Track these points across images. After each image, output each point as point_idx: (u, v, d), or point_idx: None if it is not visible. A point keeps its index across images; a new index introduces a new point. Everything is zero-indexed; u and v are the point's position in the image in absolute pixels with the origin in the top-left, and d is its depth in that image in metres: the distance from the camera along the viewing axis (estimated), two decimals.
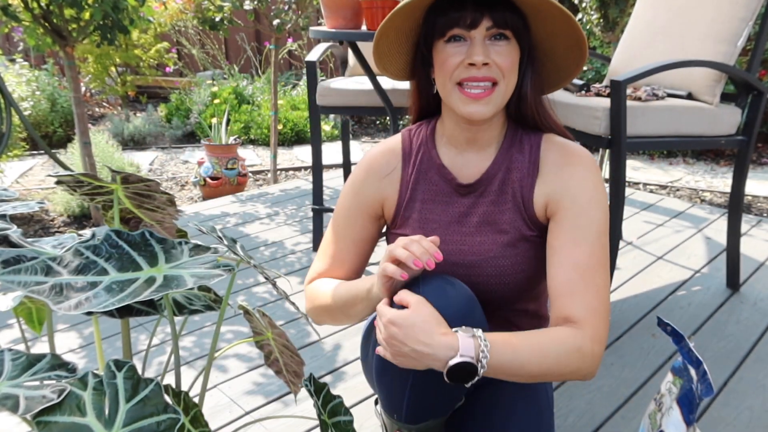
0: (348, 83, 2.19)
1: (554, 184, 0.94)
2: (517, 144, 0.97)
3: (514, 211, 0.97)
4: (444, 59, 0.89)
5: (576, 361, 0.84)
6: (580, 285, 0.88)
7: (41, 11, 2.38)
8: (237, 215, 2.82)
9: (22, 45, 3.17)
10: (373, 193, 1.03)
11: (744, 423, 1.39)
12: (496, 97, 0.89)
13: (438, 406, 0.90)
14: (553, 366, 0.83)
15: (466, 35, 0.88)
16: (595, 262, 0.90)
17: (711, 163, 3.91)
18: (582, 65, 0.96)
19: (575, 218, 0.91)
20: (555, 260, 0.92)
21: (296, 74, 5.82)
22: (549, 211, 0.95)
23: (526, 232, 0.97)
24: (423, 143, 1.02)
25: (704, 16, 1.85)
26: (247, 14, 3.13)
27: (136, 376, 0.57)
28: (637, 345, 1.71)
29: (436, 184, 1.00)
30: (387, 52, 0.97)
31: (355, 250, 1.05)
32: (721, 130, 1.81)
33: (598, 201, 0.92)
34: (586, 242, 0.90)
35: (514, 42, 0.90)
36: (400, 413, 0.91)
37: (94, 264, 0.63)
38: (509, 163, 0.97)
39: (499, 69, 0.88)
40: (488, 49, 0.87)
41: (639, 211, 2.85)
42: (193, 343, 1.74)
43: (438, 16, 0.89)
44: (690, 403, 0.87)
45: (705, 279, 2.12)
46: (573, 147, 0.97)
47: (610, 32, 3.25)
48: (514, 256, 0.97)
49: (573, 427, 1.38)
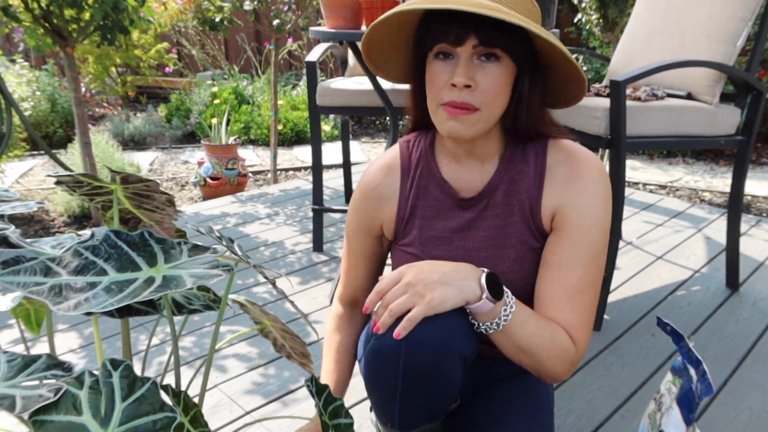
0: (348, 83, 2.19)
1: (562, 196, 0.92)
2: (520, 154, 0.94)
3: (522, 223, 0.94)
4: (431, 76, 0.86)
5: (559, 357, 0.86)
6: (567, 304, 0.90)
7: (41, 12, 2.39)
8: (237, 215, 2.82)
9: (22, 45, 3.17)
10: (370, 212, 1.02)
11: (743, 423, 1.39)
12: (474, 121, 0.84)
13: (430, 410, 0.89)
14: (543, 346, 0.85)
15: (452, 52, 0.84)
16: (585, 284, 0.90)
17: (710, 163, 3.91)
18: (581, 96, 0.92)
19: (576, 240, 0.90)
20: (546, 275, 0.92)
21: (296, 74, 5.82)
22: (555, 222, 0.93)
23: (533, 244, 0.95)
24: (422, 155, 0.99)
25: (703, 16, 1.85)
26: (247, 14, 3.13)
27: (132, 375, 0.57)
28: (637, 345, 1.71)
29: (437, 199, 0.98)
30: (383, 56, 0.95)
31: (365, 265, 1.07)
32: (721, 130, 1.81)
33: (601, 222, 0.91)
34: (581, 265, 0.90)
35: (508, 60, 0.84)
36: (393, 420, 0.90)
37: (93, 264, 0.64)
38: (514, 174, 0.94)
39: (483, 93, 0.83)
40: (475, 70, 0.83)
41: (639, 211, 2.85)
42: (192, 343, 1.74)
43: (431, 25, 0.86)
44: (690, 402, 0.87)
45: (704, 279, 2.12)
46: (582, 155, 0.93)
47: (610, 32, 3.25)
48: (522, 270, 0.96)
49: (573, 427, 1.38)
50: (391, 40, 0.93)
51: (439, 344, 0.80)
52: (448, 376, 0.83)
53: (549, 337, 0.86)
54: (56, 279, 0.61)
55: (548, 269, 0.92)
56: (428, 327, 0.80)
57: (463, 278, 0.81)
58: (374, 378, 0.87)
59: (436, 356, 0.80)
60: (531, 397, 1.02)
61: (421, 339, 0.80)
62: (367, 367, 0.87)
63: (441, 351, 0.81)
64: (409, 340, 0.80)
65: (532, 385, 1.05)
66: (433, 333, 0.80)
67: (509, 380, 1.06)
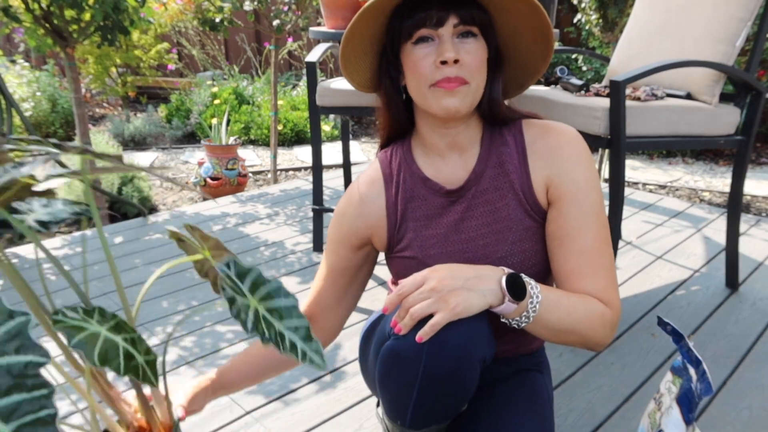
0: (348, 83, 2.20)
1: (549, 166, 0.94)
2: (498, 138, 0.97)
3: (516, 204, 0.96)
4: (414, 62, 0.88)
5: (598, 324, 0.87)
6: (589, 269, 0.91)
7: (42, 12, 2.39)
8: (237, 215, 2.82)
9: (22, 46, 3.17)
10: (355, 223, 1.02)
11: (743, 422, 1.39)
12: (468, 93, 0.88)
13: (443, 410, 0.89)
14: (580, 320, 0.86)
15: (433, 34, 0.87)
16: (599, 243, 0.92)
17: (710, 162, 3.91)
18: (548, 59, 0.94)
19: (578, 205, 0.92)
20: (560, 250, 0.93)
21: (296, 74, 5.82)
22: (550, 195, 0.95)
23: (530, 223, 0.96)
24: (402, 161, 1.00)
25: (703, 17, 1.85)
26: (247, 15, 3.13)
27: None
28: (637, 345, 1.71)
29: (424, 199, 0.99)
30: (353, 59, 0.95)
31: (331, 277, 1.06)
32: (720, 130, 1.81)
33: (595, 181, 0.94)
34: (590, 227, 0.91)
35: (482, 39, 0.89)
36: (404, 418, 0.89)
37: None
38: (497, 157, 0.96)
39: (468, 67, 0.87)
40: (458, 47, 0.87)
41: (638, 210, 2.85)
42: (193, 343, 1.74)
43: (404, 18, 0.88)
44: (689, 402, 0.88)
45: (704, 279, 2.12)
46: (555, 126, 0.97)
47: (609, 32, 3.25)
48: (522, 252, 0.96)
49: (573, 427, 1.38)
50: (360, 48, 0.94)
51: (461, 349, 0.80)
52: (466, 381, 0.83)
53: (583, 310, 0.87)
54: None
55: (561, 243, 0.93)
56: (451, 332, 0.80)
57: (485, 282, 0.81)
58: (390, 377, 0.86)
59: (458, 362, 0.80)
60: (532, 395, 1.02)
61: (444, 344, 0.80)
62: (382, 365, 0.87)
63: (463, 357, 0.81)
64: (432, 344, 0.80)
65: (533, 383, 1.05)
66: (456, 338, 0.80)
67: (510, 378, 1.06)
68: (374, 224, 1.01)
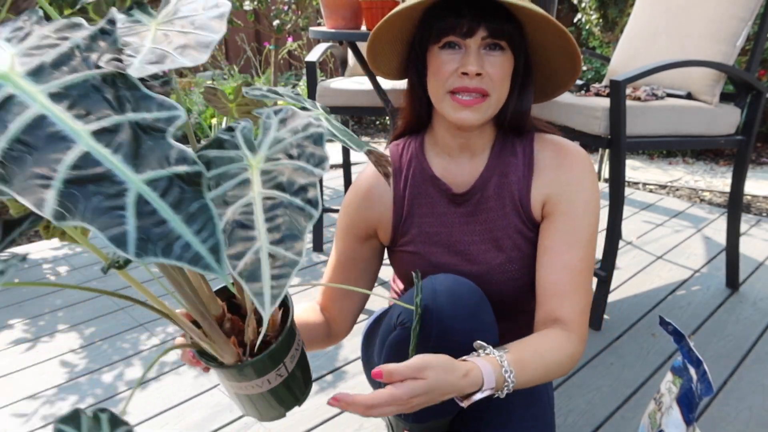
0: (348, 83, 2.19)
1: (552, 185, 0.95)
2: (509, 147, 0.98)
3: (514, 214, 0.97)
4: (438, 66, 0.89)
5: (567, 366, 0.87)
6: (570, 288, 0.90)
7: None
8: None
9: None
10: (363, 214, 1.02)
11: (743, 422, 1.39)
12: (486, 107, 0.89)
13: (448, 407, 0.90)
14: (550, 373, 0.85)
15: (461, 43, 0.88)
16: (584, 266, 0.92)
17: (710, 162, 3.91)
18: (575, 78, 0.95)
19: (571, 221, 0.93)
20: (546, 261, 0.93)
21: (296, 74, 5.82)
22: (545, 210, 0.96)
23: (527, 234, 0.98)
24: (413, 156, 1.01)
25: (703, 16, 1.85)
26: (247, 15, 3.13)
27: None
28: (637, 345, 1.71)
29: (432, 196, 1.00)
30: (381, 51, 0.96)
31: (339, 268, 1.06)
32: (721, 129, 1.81)
33: (594, 206, 0.94)
34: (579, 246, 0.92)
35: (509, 52, 0.89)
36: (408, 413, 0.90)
37: None
38: (503, 167, 0.97)
39: (491, 80, 0.87)
40: (482, 59, 0.87)
41: (638, 210, 2.85)
42: None
43: (435, 20, 0.89)
44: (690, 402, 0.88)
45: (704, 278, 2.12)
46: (567, 145, 0.97)
47: (610, 32, 3.25)
48: (520, 260, 0.98)
49: (573, 427, 1.38)
50: (389, 37, 0.95)
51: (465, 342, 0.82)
52: None
53: (555, 361, 0.85)
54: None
55: (547, 253, 0.93)
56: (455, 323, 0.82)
57: (456, 398, 0.77)
58: None
59: (463, 353, 0.81)
60: (532, 395, 1.02)
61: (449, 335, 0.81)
62: (388, 358, 0.88)
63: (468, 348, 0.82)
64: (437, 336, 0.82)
65: (533, 386, 1.05)
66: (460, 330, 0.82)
67: None
68: (381, 215, 1.02)
